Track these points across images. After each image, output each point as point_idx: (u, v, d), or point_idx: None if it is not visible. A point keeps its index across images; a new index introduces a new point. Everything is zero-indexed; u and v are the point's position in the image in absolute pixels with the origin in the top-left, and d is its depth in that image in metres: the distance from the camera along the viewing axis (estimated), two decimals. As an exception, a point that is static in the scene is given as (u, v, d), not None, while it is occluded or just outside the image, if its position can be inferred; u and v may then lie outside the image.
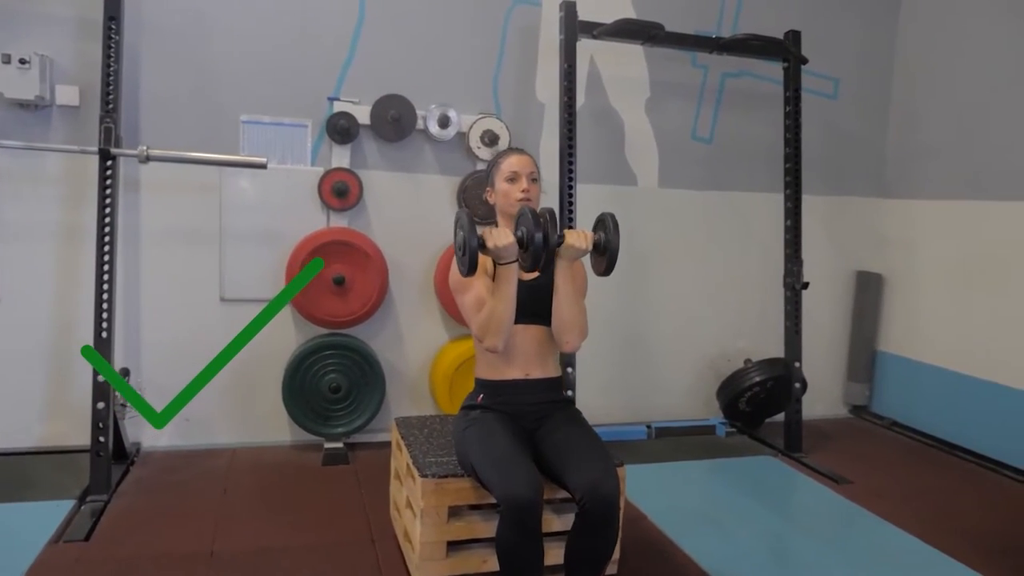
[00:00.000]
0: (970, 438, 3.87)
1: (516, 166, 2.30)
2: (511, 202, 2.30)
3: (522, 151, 2.38)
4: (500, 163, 2.34)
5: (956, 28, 4.04)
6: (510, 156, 2.34)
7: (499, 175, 2.33)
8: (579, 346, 2.26)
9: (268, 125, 3.53)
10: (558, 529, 2.22)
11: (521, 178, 2.30)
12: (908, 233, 4.30)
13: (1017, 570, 2.69)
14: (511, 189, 2.30)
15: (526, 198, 2.29)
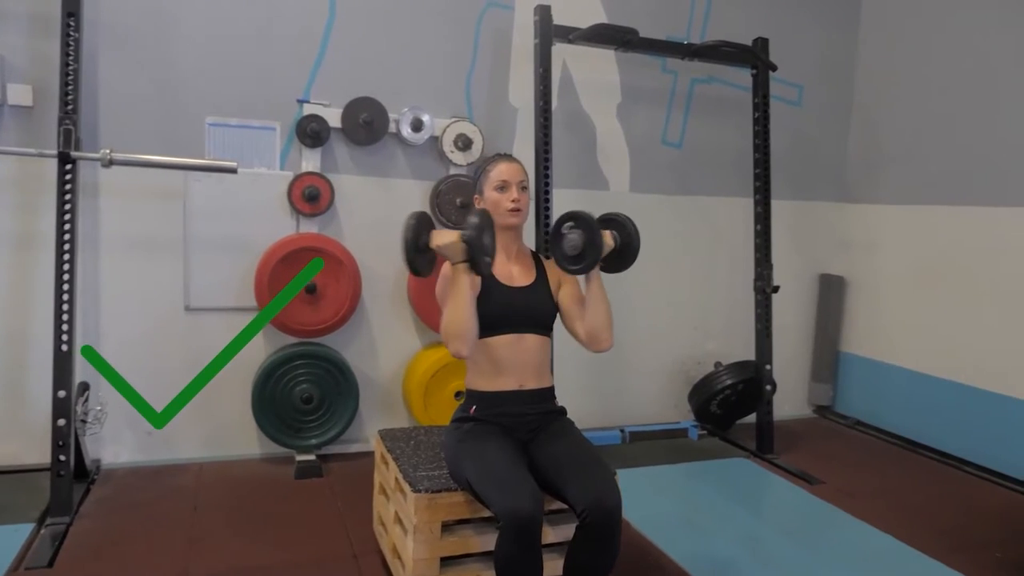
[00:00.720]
0: (932, 436, 3.98)
1: (506, 174, 2.26)
2: (500, 212, 2.25)
3: (511, 158, 2.33)
4: (489, 170, 2.29)
5: (916, 37, 4.15)
6: (499, 164, 2.29)
7: (488, 183, 2.28)
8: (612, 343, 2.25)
9: (235, 127, 3.41)
10: (552, 541, 2.18)
11: (511, 187, 2.25)
12: (870, 237, 4.41)
13: (986, 565, 2.76)
14: (501, 199, 2.25)
15: (516, 208, 2.25)
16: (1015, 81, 3.61)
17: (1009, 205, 3.63)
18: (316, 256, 3.37)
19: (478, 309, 2.13)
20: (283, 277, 3.33)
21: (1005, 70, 3.66)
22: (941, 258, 3.99)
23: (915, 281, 4.14)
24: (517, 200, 2.25)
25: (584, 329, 2.24)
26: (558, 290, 2.33)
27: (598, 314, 2.21)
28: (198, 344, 3.40)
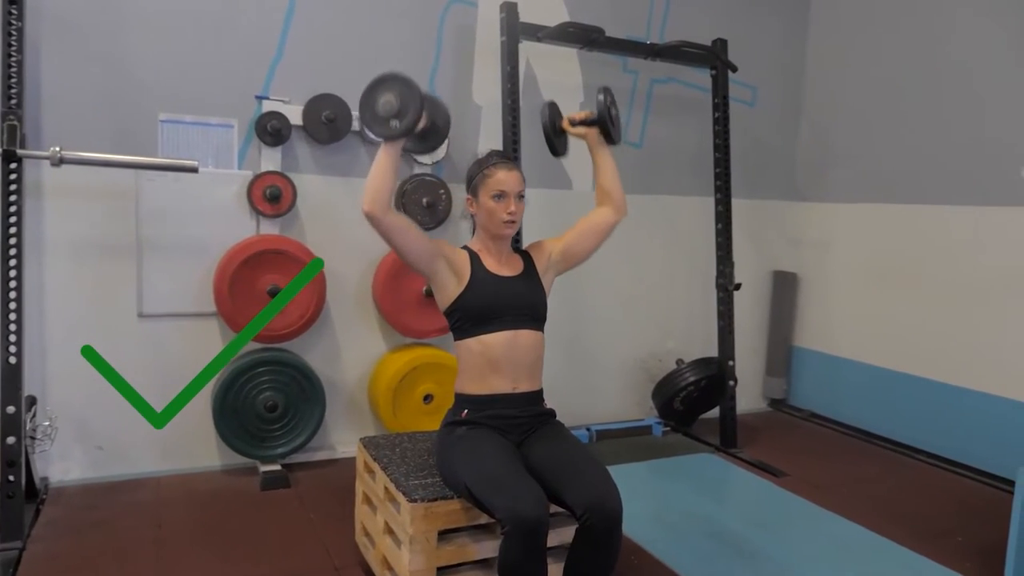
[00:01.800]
0: (884, 426, 4.13)
1: (505, 184, 2.19)
2: (496, 223, 2.20)
3: (511, 163, 2.25)
4: (487, 176, 2.21)
5: (863, 40, 4.30)
6: (498, 171, 2.20)
7: (485, 189, 2.21)
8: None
9: (190, 125, 3.25)
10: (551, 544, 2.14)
11: (509, 198, 2.20)
12: (821, 234, 4.54)
13: (951, 550, 2.87)
14: (497, 209, 2.20)
15: (511, 221, 2.21)
16: (960, 84, 3.77)
17: (955, 204, 3.80)
18: (281, 257, 3.24)
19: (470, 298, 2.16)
20: (246, 281, 3.19)
21: (951, 73, 3.82)
22: (890, 254, 4.14)
23: (865, 277, 4.28)
24: (513, 213, 2.20)
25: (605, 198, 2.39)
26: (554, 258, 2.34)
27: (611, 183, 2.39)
28: (154, 353, 3.23)
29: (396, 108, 2.05)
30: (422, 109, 2.05)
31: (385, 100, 2.06)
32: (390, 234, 2.08)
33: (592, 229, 2.38)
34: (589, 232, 2.38)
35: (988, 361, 3.64)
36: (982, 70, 3.67)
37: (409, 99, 2.05)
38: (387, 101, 2.06)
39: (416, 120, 2.04)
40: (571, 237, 2.37)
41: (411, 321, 3.53)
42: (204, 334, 3.34)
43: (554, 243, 2.37)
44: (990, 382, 3.63)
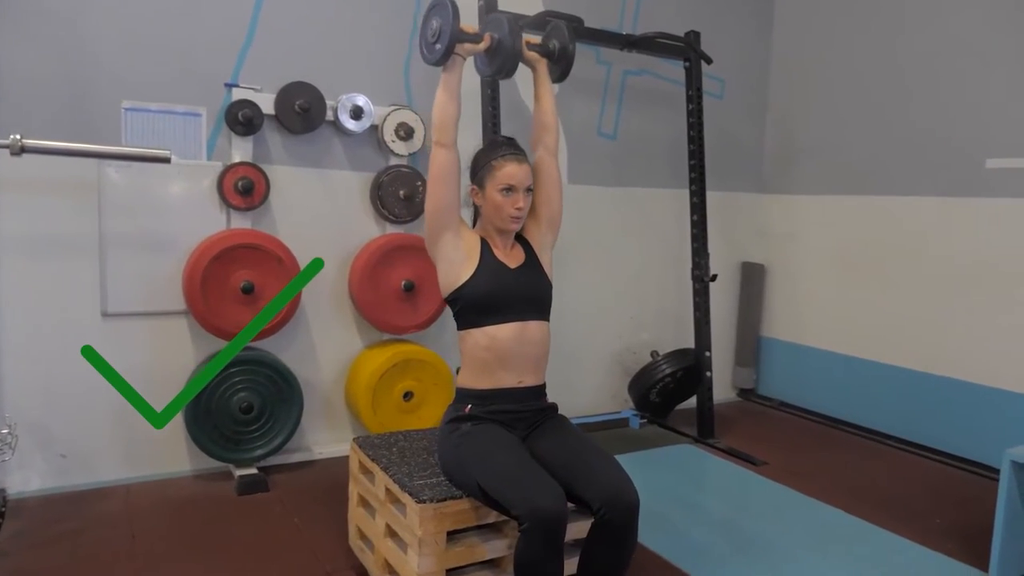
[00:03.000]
0: (853, 413, 4.23)
1: (514, 178, 2.12)
2: (502, 217, 2.14)
3: (521, 155, 2.17)
4: (496, 168, 2.13)
5: (825, 33, 4.38)
6: (508, 164, 2.12)
7: (492, 181, 2.14)
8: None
9: (156, 113, 3.09)
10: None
11: (518, 192, 2.13)
12: (788, 226, 4.62)
13: (930, 532, 2.94)
14: (505, 203, 2.13)
15: (519, 216, 2.15)
16: (925, 77, 3.87)
17: (920, 195, 3.90)
18: (255, 252, 3.11)
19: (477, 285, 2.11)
20: (218, 277, 3.05)
21: (915, 66, 3.92)
22: (856, 245, 4.23)
23: (831, 267, 4.37)
24: (521, 208, 2.14)
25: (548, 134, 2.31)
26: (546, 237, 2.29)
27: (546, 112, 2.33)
28: (119, 354, 3.06)
29: (438, 31, 2.07)
30: (456, 30, 2.04)
31: (429, 25, 2.11)
32: (444, 169, 2.10)
33: (549, 182, 2.29)
34: (549, 187, 2.29)
35: (954, 348, 3.75)
36: (946, 63, 3.77)
37: (444, 21, 2.05)
38: (430, 25, 2.10)
39: (449, 43, 2.05)
40: (542, 205, 2.28)
41: (390, 317, 3.44)
42: (173, 333, 3.18)
43: (531, 219, 2.28)
44: (956, 368, 3.74)
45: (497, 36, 2.18)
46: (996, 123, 3.56)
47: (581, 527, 2.05)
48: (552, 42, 2.35)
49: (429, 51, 2.14)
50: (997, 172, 3.56)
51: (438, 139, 2.12)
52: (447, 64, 2.11)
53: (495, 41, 2.19)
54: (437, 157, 2.12)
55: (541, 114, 2.33)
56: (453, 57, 2.10)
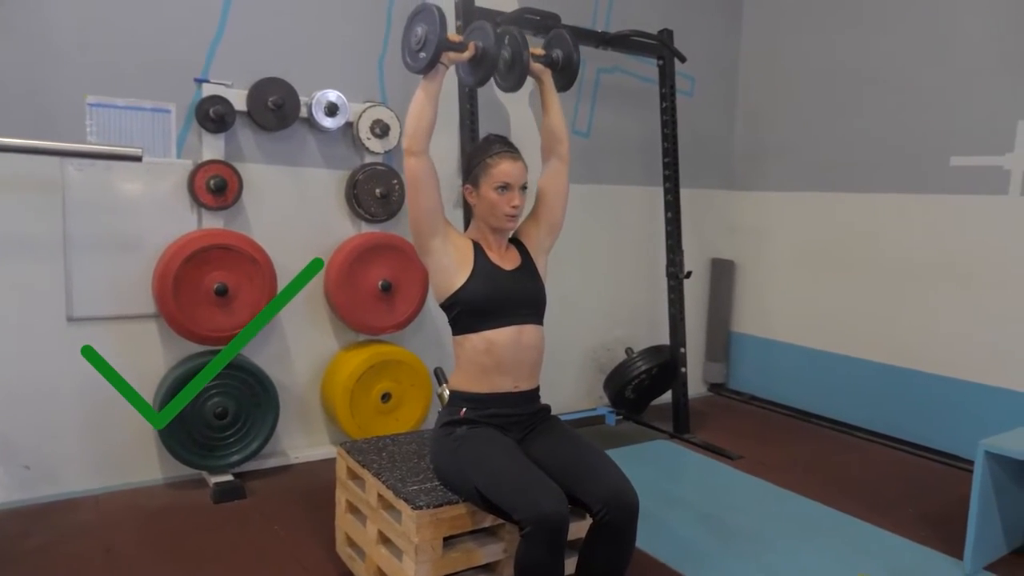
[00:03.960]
0: (821, 405, 4.32)
1: (510, 175, 2.10)
2: (498, 216, 2.12)
3: (516, 152, 2.15)
4: (490, 166, 2.11)
5: (793, 32, 4.45)
6: (503, 161, 2.11)
7: (487, 179, 2.11)
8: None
9: (123, 109, 2.97)
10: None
11: (513, 191, 2.11)
12: (757, 222, 4.68)
13: (904, 521, 3.02)
14: (500, 201, 2.10)
15: (514, 215, 2.13)
16: (891, 76, 3.96)
17: (886, 192, 3.99)
18: (229, 253, 3.02)
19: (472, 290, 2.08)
20: (191, 279, 2.96)
21: (881, 66, 4.00)
22: (823, 241, 4.32)
23: (799, 263, 4.45)
24: (517, 206, 2.12)
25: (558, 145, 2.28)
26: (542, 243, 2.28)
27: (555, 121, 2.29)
28: (86, 361, 2.94)
29: (423, 38, 2.02)
30: (443, 39, 1.99)
31: (414, 32, 2.06)
32: (418, 177, 2.05)
33: (556, 190, 2.28)
34: (555, 195, 2.28)
35: (918, 341, 3.85)
36: (912, 63, 3.86)
37: (431, 29, 2.00)
38: (414, 32, 2.05)
39: (436, 52, 2.00)
40: (544, 210, 2.28)
41: (367, 317, 3.38)
42: (142, 338, 3.07)
43: (532, 223, 2.28)
44: (920, 360, 3.85)
45: (482, 45, 2.11)
46: (961, 122, 3.66)
47: (579, 527, 2.04)
48: (555, 52, 2.31)
49: (413, 59, 2.08)
50: (961, 170, 3.66)
51: (410, 147, 2.05)
52: (430, 72, 2.05)
53: (479, 50, 2.12)
54: (410, 166, 2.05)
55: (551, 125, 2.30)
56: (436, 66, 2.04)
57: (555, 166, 2.28)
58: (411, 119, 2.05)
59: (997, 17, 3.53)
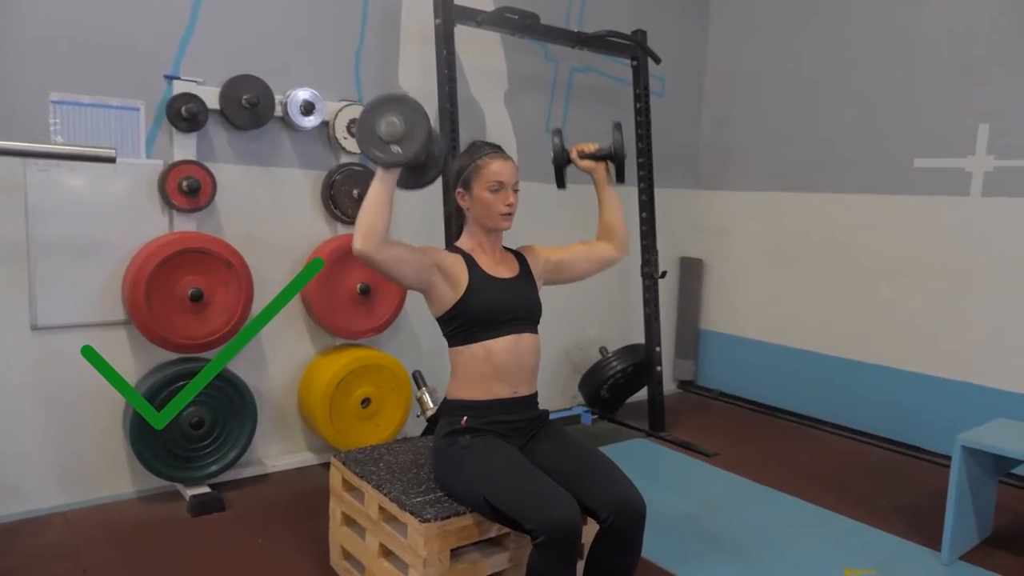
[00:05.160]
0: (788, 401, 4.41)
1: (502, 174, 2.10)
2: (493, 215, 2.11)
3: (504, 153, 2.15)
4: (481, 167, 2.10)
5: (760, 34, 4.52)
6: (493, 161, 2.11)
7: (479, 181, 2.10)
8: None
9: (88, 107, 2.83)
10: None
11: (506, 189, 2.11)
12: (724, 221, 4.75)
13: (880, 513, 3.10)
14: (494, 201, 2.09)
15: (509, 213, 2.12)
16: (856, 79, 4.06)
17: (848, 192, 4.09)
18: (203, 257, 2.91)
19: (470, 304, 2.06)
20: (165, 284, 2.84)
21: (846, 69, 4.10)
22: (789, 240, 4.41)
23: (766, 261, 4.54)
24: (511, 204, 2.12)
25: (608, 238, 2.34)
26: (547, 267, 2.29)
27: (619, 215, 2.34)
28: (53, 371, 2.81)
29: (401, 132, 1.90)
30: (429, 137, 1.91)
31: (389, 122, 1.90)
32: (385, 269, 1.94)
33: (590, 257, 2.34)
34: (587, 259, 2.34)
35: (882, 336, 3.97)
36: (876, 67, 3.96)
37: (416, 124, 1.91)
38: (391, 123, 1.90)
39: (422, 148, 1.91)
40: (568, 255, 2.33)
41: (345, 321, 3.31)
42: (112, 346, 2.94)
43: (548, 252, 2.31)
44: (884, 356, 3.96)
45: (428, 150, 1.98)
46: (924, 125, 3.77)
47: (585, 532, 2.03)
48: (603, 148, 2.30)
49: (382, 151, 1.89)
50: (924, 171, 3.77)
51: (369, 250, 1.85)
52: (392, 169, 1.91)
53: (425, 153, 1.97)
54: (379, 262, 1.89)
55: (606, 223, 2.33)
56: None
57: (606, 250, 2.35)
58: (368, 218, 1.86)
59: (957, 25, 3.65)
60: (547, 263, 2.29)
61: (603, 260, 2.34)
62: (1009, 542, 2.90)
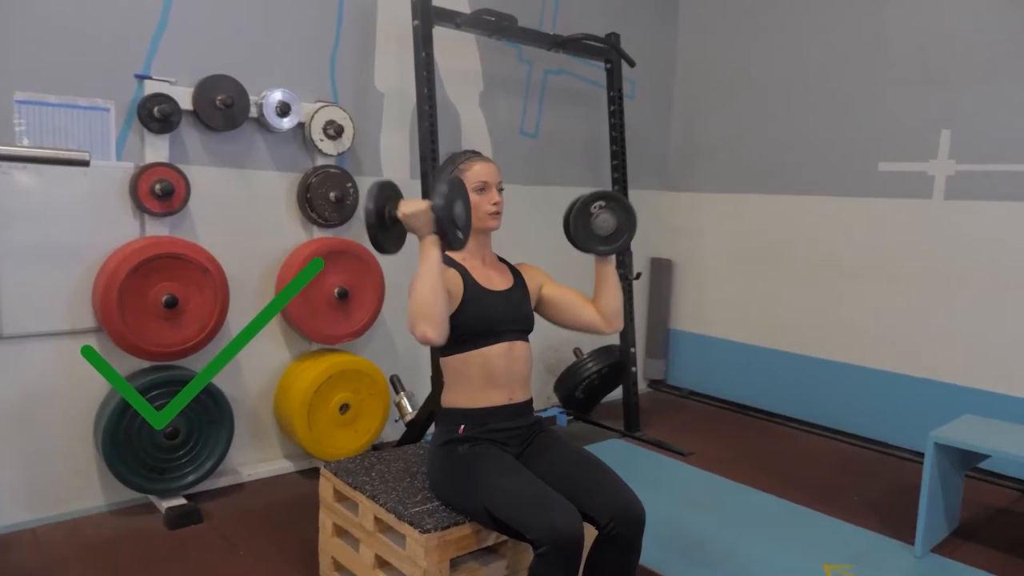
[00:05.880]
0: (757, 399, 4.50)
1: (485, 175, 2.11)
2: (480, 216, 2.10)
3: (485, 157, 2.17)
4: (464, 170, 2.11)
5: (728, 39, 4.59)
6: (475, 163, 2.12)
7: (464, 183, 2.09)
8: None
9: (56, 107, 2.72)
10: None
11: (491, 188, 2.12)
12: (693, 222, 4.82)
13: (851, 509, 3.19)
14: (480, 201, 2.10)
15: (497, 211, 2.12)
16: (822, 84, 4.15)
17: (815, 194, 4.19)
18: (178, 262, 2.83)
19: (466, 317, 2.03)
20: (138, 291, 2.75)
21: (811, 73, 4.19)
22: (758, 241, 4.49)
23: (735, 262, 4.61)
24: (498, 203, 2.13)
25: (602, 312, 2.21)
26: (538, 292, 2.26)
27: (617, 296, 2.21)
28: (17, 378, 2.70)
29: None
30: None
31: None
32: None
33: (576, 312, 2.23)
34: (573, 315, 2.24)
35: (848, 334, 4.07)
36: (841, 73, 4.06)
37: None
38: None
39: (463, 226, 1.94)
40: (560, 297, 2.25)
41: (323, 326, 3.25)
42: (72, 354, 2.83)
43: (545, 280, 2.29)
44: (849, 353, 4.07)
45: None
46: (888, 129, 3.88)
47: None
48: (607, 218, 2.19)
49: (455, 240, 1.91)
50: (889, 175, 3.88)
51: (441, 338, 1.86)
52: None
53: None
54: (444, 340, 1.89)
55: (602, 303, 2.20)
56: None
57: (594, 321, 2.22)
58: (437, 306, 1.84)
59: (920, 34, 3.76)
60: (540, 288, 2.26)
61: (586, 322, 2.23)
62: (975, 534, 3.01)
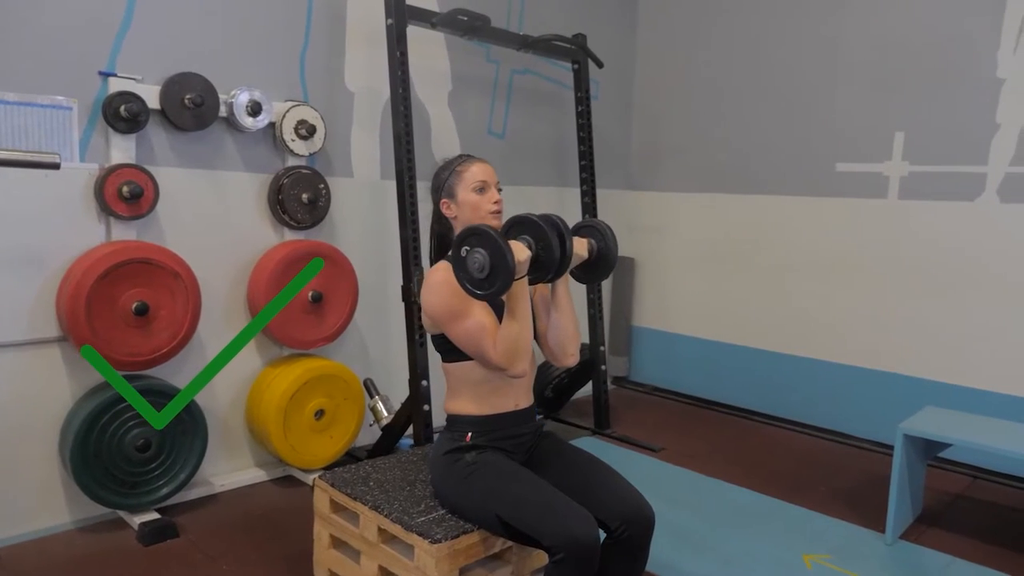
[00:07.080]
0: (720, 393, 4.61)
1: (483, 175, 2.12)
2: (482, 215, 2.09)
3: (480, 158, 2.17)
4: (462, 172, 2.11)
5: (687, 39, 4.67)
6: (472, 164, 2.13)
7: (462, 185, 2.10)
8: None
9: (14, 105, 2.57)
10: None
11: (490, 188, 2.12)
12: (655, 221, 4.89)
13: (820, 499, 3.30)
14: (481, 201, 2.09)
15: (498, 210, 2.11)
16: (781, 85, 4.27)
17: (774, 194, 4.31)
18: (148, 268, 2.72)
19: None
20: (106, 298, 2.63)
21: (771, 75, 4.30)
22: (718, 239, 4.59)
23: (696, 260, 4.71)
24: (499, 202, 2.12)
25: (551, 341, 2.13)
26: (533, 294, 2.23)
27: (568, 326, 2.09)
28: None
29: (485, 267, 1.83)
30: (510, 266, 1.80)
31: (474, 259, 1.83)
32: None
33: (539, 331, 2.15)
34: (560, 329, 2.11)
35: (807, 330, 4.21)
36: (800, 75, 4.18)
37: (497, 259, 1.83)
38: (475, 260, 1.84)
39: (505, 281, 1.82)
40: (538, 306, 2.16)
41: (296, 331, 3.18)
42: (44, 365, 2.70)
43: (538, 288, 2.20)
44: (810, 348, 4.21)
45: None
46: (845, 131, 4.02)
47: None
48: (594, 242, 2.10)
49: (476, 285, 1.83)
50: (846, 175, 4.02)
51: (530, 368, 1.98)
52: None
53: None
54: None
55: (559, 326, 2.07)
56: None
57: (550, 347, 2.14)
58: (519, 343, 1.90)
59: (874, 40, 3.90)
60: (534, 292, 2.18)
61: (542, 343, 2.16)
62: (937, 519, 3.15)
